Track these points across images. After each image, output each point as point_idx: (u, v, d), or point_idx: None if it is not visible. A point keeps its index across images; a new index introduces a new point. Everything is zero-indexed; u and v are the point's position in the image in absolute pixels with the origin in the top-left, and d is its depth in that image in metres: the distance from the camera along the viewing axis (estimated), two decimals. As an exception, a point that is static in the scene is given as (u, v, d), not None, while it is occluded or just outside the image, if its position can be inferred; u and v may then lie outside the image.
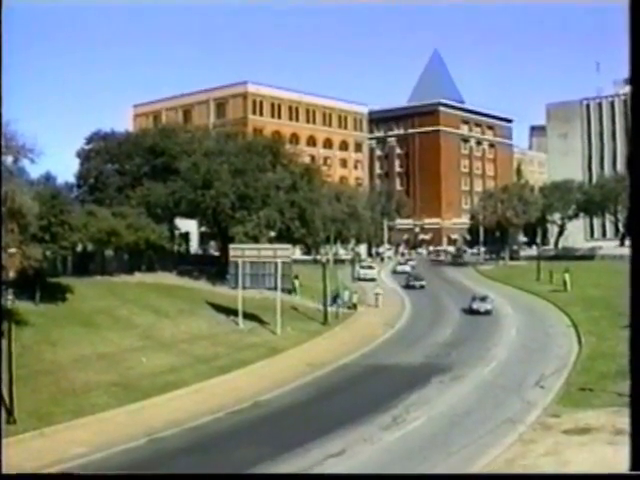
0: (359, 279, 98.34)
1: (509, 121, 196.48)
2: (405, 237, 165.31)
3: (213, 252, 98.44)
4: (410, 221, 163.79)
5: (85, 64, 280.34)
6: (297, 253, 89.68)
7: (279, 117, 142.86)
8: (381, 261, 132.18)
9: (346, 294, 76.79)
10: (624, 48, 15.80)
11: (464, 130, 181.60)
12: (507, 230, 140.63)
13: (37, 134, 66.06)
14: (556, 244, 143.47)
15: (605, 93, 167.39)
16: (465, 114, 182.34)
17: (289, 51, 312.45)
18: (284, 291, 65.19)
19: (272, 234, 76.72)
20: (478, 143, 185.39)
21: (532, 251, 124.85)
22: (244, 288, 62.77)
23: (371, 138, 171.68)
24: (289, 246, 68.56)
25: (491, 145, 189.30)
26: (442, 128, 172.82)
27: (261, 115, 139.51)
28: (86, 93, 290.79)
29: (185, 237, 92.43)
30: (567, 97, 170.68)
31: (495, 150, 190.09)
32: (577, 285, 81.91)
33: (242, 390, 42.81)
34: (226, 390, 43.08)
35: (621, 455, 22.63)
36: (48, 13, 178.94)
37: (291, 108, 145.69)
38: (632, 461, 15.82)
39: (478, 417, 36.41)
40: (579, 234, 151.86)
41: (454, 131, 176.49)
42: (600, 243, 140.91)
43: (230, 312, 62.84)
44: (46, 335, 47.01)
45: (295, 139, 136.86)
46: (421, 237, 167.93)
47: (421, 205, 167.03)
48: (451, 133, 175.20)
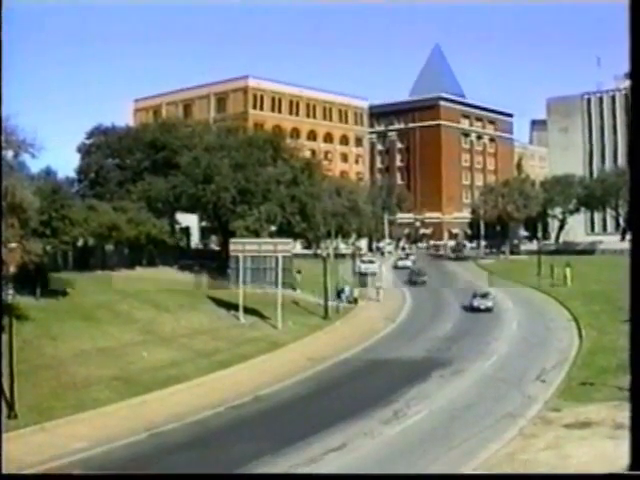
0: (360, 273, 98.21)
1: (510, 115, 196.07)
2: (406, 231, 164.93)
3: (214, 246, 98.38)
4: (411, 215, 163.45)
5: (85, 59, 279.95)
6: (298, 247, 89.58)
7: (280, 111, 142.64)
8: (382, 255, 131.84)
9: (347, 288, 76.81)
10: (624, 42, 15.76)
11: (465, 124, 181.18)
12: (508, 224, 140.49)
13: (37, 129, 65.92)
14: (557, 238, 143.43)
15: (606, 87, 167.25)
16: (466, 108, 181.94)
17: (290, 45, 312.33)
18: (285, 285, 65.16)
19: (273, 228, 76.65)
20: (479, 137, 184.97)
21: (533, 245, 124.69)
22: (245, 282, 62.76)
23: (372, 132, 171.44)
24: (290, 240, 68.61)
25: (492, 139, 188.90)
26: (443, 122, 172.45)
27: (262, 109, 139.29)
28: (87, 88, 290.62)
29: (186, 232, 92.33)
30: (568, 91, 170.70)
31: (496, 144, 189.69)
32: (578, 279, 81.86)
33: (243, 384, 42.85)
34: (227, 384, 43.13)
35: (621, 449, 22.63)
36: (48, 7, 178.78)
37: (292, 102, 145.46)
38: (632, 461, 15.81)
39: (478, 411, 36.44)
40: (580, 228, 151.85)
41: (455, 125, 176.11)
42: (601, 237, 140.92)
43: (231, 307, 62.83)
44: (47, 330, 47.00)
45: (296, 133, 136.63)
46: (422, 231, 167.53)
47: (422, 199, 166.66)
48: (452, 127, 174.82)
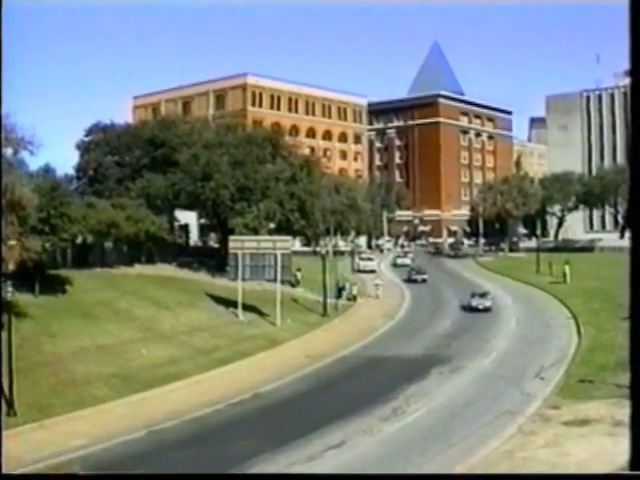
0: (359, 271, 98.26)
1: (509, 113, 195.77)
2: (405, 229, 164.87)
3: (213, 244, 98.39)
4: (410, 213, 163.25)
5: (84, 56, 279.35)
6: (297, 245, 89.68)
7: (278, 109, 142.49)
8: (381, 253, 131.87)
9: (348, 286, 76.91)
10: (624, 40, 15.75)
11: (464, 122, 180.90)
12: (507, 222, 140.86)
13: (36, 126, 65.93)
14: (556, 236, 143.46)
15: (605, 85, 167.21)
16: (465, 106, 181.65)
17: (289, 43, 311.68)
18: (284, 283, 65.20)
19: (272, 226, 76.71)
20: (478, 135, 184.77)
21: (532, 243, 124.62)
22: (244, 280, 62.80)
23: (371, 130, 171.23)
24: (289, 238, 68.64)
25: (490, 137, 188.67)
26: (442, 120, 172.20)
27: (260, 107, 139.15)
28: (86, 85, 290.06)
29: (185, 229, 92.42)
30: (567, 89, 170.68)
31: (495, 142, 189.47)
32: (577, 277, 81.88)
33: (242, 382, 42.86)
34: (226, 382, 43.14)
35: (620, 447, 22.65)
36: (48, 5, 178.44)
37: (290, 100, 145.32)
38: (632, 461, 15.82)
39: (478, 409, 36.44)
40: (579, 226, 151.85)
41: (454, 123, 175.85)
42: (600, 235, 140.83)
43: (230, 304, 62.85)
44: (46, 327, 47.03)
45: (295, 131, 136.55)
46: (421, 229, 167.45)
47: (421, 197, 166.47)
48: (451, 125, 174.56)
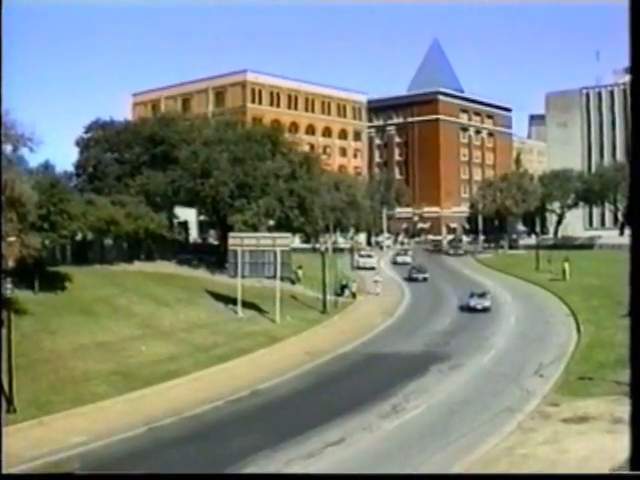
0: (358, 268, 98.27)
1: (508, 110, 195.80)
2: (404, 226, 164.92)
3: (212, 241, 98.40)
4: (409, 210, 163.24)
5: (84, 53, 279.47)
6: (296, 242, 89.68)
7: (278, 106, 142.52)
8: (380, 250, 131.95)
9: (349, 284, 77.01)
10: (623, 37, 15.75)
11: (463, 119, 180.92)
12: (506, 219, 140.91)
13: (36, 123, 65.85)
14: (555, 233, 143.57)
15: (605, 82, 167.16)
16: (464, 103, 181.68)
17: (288, 40, 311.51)
18: (283, 280, 65.23)
19: (271, 223, 76.69)
20: (477, 132, 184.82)
21: (531, 240, 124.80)
22: (243, 277, 62.81)
23: (370, 127, 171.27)
24: (288, 235, 68.55)
25: (490, 134, 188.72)
26: (441, 117, 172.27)
27: (260, 104, 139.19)
28: (85, 82, 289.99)
29: (184, 226, 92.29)
30: (567, 86, 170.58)
31: (494, 139, 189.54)
32: (576, 274, 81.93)
33: (241, 379, 42.87)
34: (225, 379, 43.15)
35: (620, 444, 22.70)
36: (47, 2, 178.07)
37: (290, 97, 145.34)
38: (632, 461, 15.86)
39: (477, 406, 36.46)
40: (578, 223, 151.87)
41: (453, 120, 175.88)
42: (599, 232, 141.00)
43: (229, 301, 62.86)
44: (45, 324, 47.02)
45: (294, 128, 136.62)
46: (420, 226, 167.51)
47: (420, 194, 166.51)
48: (450, 122, 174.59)
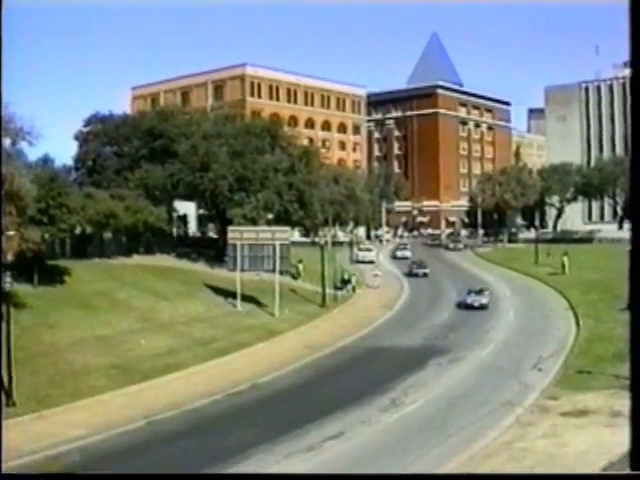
0: (357, 261, 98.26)
1: (507, 104, 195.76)
2: (403, 220, 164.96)
3: (211, 234, 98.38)
4: (408, 203, 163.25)
5: (83, 47, 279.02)
6: (295, 235, 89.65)
7: (277, 99, 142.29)
8: (380, 243, 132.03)
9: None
10: (623, 31, 15.72)
11: (462, 112, 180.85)
12: (505, 213, 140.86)
13: (35, 117, 65.79)
14: (554, 227, 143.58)
15: (604, 76, 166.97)
16: (463, 96, 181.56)
17: (288, 33, 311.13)
18: (283, 273, 65.26)
19: (270, 216, 76.64)
20: (476, 126, 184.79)
21: (530, 234, 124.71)
22: (242, 270, 62.82)
23: (369, 120, 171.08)
24: (287, 228, 68.57)
25: (489, 128, 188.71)
26: (440, 110, 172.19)
27: (259, 97, 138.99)
28: (84, 76, 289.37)
29: (183, 219, 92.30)
30: (566, 80, 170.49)
31: (493, 133, 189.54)
32: (575, 268, 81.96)
33: (240, 372, 42.89)
34: (224, 372, 43.17)
35: (619, 437, 22.75)
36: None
37: (289, 90, 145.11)
38: (632, 461, 15.88)
39: (476, 399, 36.50)
40: (577, 217, 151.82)
41: (452, 113, 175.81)
42: (598, 226, 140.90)
43: (228, 294, 62.88)
44: (45, 318, 47.03)
45: (293, 121, 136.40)
46: (419, 219, 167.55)
47: (419, 187, 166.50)
48: (449, 115, 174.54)
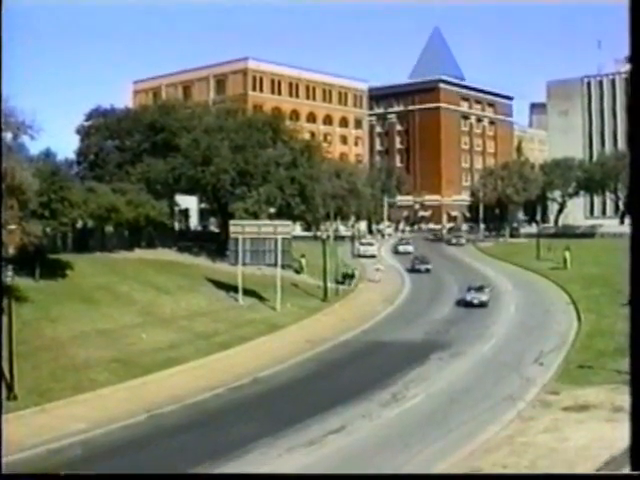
0: (359, 255, 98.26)
1: (509, 98, 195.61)
2: (405, 214, 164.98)
3: (213, 228, 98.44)
4: (410, 198, 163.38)
5: (85, 41, 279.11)
6: (297, 229, 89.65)
7: (279, 93, 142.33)
8: (382, 237, 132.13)
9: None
10: (625, 26, 15.73)
11: (464, 107, 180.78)
12: (507, 207, 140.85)
13: (37, 110, 65.85)
14: (556, 222, 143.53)
15: (606, 71, 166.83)
16: (465, 91, 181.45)
17: (290, 27, 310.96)
18: (284, 267, 65.28)
19: (272, 210, 76.63)
20: (478, 120, 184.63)
21: (532, 229, 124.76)
22: (244, 264, 62.83)
23: (371, 115, 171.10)
24: (289, 222, 68.52)
25: (491, 122, 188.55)
26: (442, 105, 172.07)
27: (261, 91, 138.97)
28: (85, 69, 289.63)
29: (185, 213, 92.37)
30: (568, 75, 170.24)
31: (495, 127, 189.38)
32: (577, 263, 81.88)
33: (242, 366, 42.91)
34: (226, 366, 43.20)
35: (619, 432, 22.76)
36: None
37: (291, 84, 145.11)
38: (632, 461, 15.93)
39: (477, 394, 36.52)
40: (579, 212, 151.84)
41: (454, 108, 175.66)
42: (600, 221, 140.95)
43: (230, 288, 62.89)
44: (46, 311, 47.08)
45: (295, 115, 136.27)
46: (421, 214, 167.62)
47: (421, 182, 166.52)
48: (451, 110, 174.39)
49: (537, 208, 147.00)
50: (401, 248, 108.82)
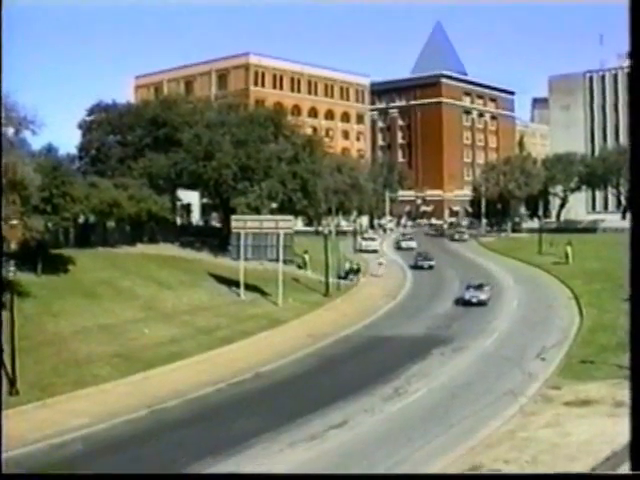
0: (361, 250, 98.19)
1: (511, 93, 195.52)
2: (407, 209, 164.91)
3: (215, 223, 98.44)
4: (412, 193, 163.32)
5: (86, 36, 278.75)
6: (299, 224, 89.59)
7: (281, 88, 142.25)
8: (384, 232, 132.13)
9: (347, 265, 77.06)
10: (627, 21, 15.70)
11: (466, 102, 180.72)
12: (509, 202, 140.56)
13: (39, 105, 65.92)
14: (558, 217, 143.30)
15: (608, 65, 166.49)
16: (467, 86, 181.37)
17: (291, 22, 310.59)
18: (286, 262, 65.26)
19: (274, 205, 76.56)
20: (480, 115, 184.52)
21: (534, 223, 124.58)
22: (246, 259, 62.83)
23: (373, 109, 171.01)
24: (291, 217, 68.44)
25: (493, 117, 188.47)
26: (444, 100, 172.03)
27: (263, 86, 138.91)
28: (87, 65, 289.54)
29: (187, 208, 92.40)
30: (570, 69, 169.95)
31: (497, 122, 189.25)
32: (579, 258, 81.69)
33: (244, 361, 42.95)
34: (228, 361, 43.24)
35: (621, 427, 22.72)
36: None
37: (293, 79, 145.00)
38: (632, 461, 15.93)
39: (479, 389, 36.54)
40: (581, 207, 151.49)
41: (456, 103, 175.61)
42: (602, 216, 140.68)
43: (232, 283, 62.88)
44: (48, 306, 47.08)
45: (297, 110, 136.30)
46: (423, 209, 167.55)
47: (423, 177, 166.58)
48: (453, 105, 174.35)
49: (539, 203, 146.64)
50: (404, 244, 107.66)
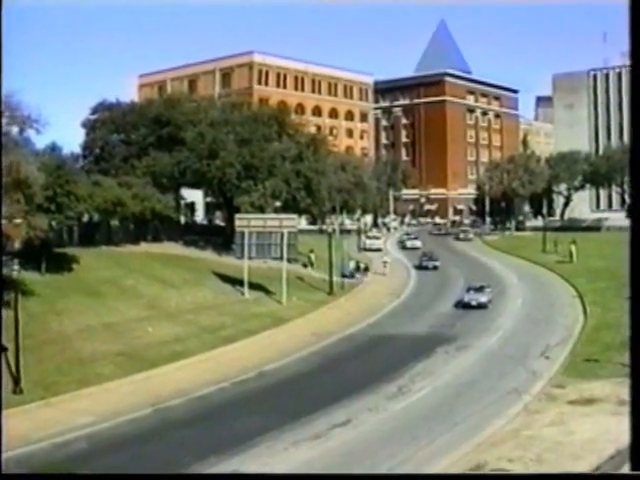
0: (365, 249, 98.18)
1: (515, 91, 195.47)
2: (411, 207, 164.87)
3: (219, 222, 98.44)
4: (416, 191, 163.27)
5: (90, 33, 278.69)
6: (303, 223, 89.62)
7: (285, 87, 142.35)
8: (387, 231, 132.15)
9: (351, 264, 77.06)
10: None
11: (470, 100, 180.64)
12: (513, 201, 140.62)
13: (42, 105, 65.91)
14: (562, 215, 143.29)
15: (612, 64, 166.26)
16: (471, 84, 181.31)
17: (295, 21, 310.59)
18: (290, 261, 65.29)
19: (278, 204, 76.56)
20: (484, 113, 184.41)
21: (538, 222, 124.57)
22: (250, 258, 62.83)
23: (377, 108, 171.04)
24: (295, 216, 68.47)
25: (497, 115, 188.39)
26: (448, 98, 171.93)
27: (267, 85, 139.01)
28: (91, 63, 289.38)
29: (191, 207, 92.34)
30: (574, 68, 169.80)
31: (501, 120, 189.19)
32: (583, 256, 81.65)
33: (247, 360, 42.96)
34: (231, 360, 43.26)
35: (625, 426, 22.69)
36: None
37: (297, 78, 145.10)
38: (632, 461, 15.90)
39: (483, 387, 36.51)
40: (585, 205, 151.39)
41: (460, 101, 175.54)
42: (606, 214, 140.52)
43: (235, 282, 62.88)
44: (52, 305, 47.11)
45: (301, 109, 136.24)
46: (427, 207, 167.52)
47: (427, 175, 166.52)
48: (457, 103, 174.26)
49: (543, 201, 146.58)
50: (409, 243, 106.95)
